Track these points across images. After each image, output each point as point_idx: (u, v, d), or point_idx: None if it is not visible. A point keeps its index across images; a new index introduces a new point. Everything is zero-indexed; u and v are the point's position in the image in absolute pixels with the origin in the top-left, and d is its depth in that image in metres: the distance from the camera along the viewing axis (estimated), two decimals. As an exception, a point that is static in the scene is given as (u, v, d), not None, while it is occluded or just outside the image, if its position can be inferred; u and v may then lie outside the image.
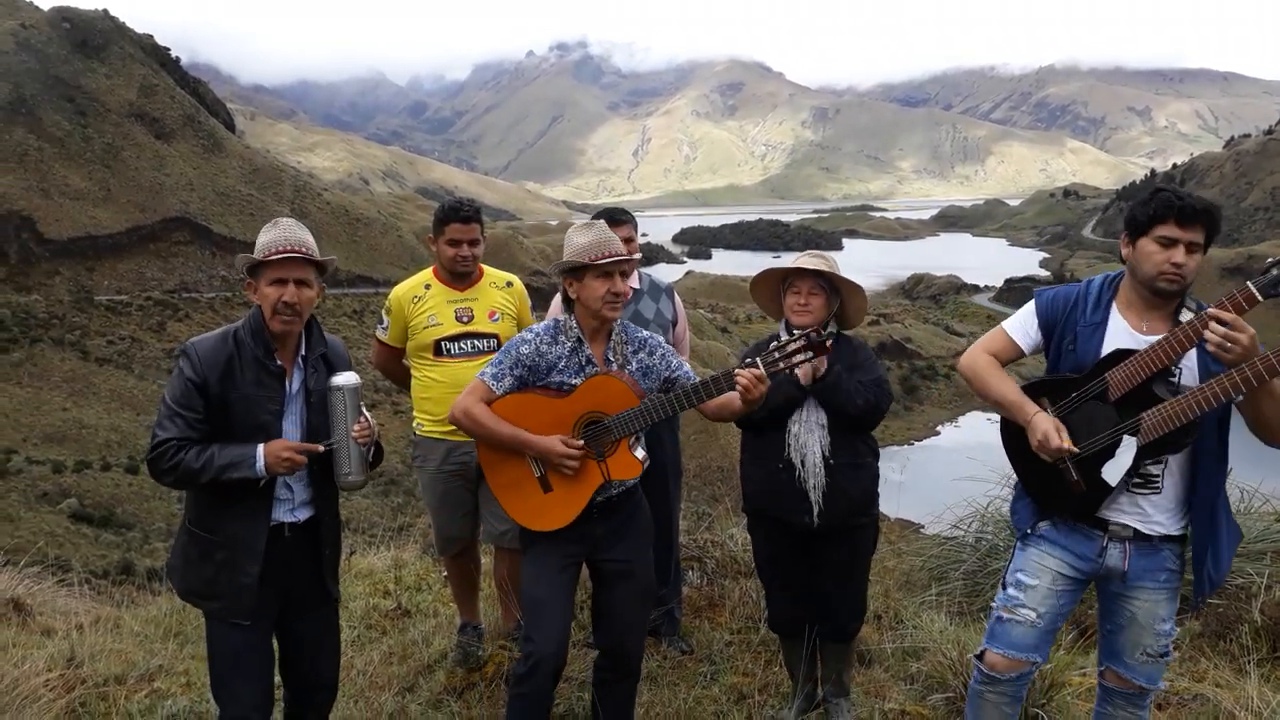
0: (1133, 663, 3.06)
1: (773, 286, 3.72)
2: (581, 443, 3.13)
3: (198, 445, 2.87)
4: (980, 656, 3.15)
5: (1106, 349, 2.94)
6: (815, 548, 3.66)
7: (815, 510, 3.54)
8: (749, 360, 3.02)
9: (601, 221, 3.33)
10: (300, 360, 3.07)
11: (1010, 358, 3.16)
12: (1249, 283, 2.64)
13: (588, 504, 3.18)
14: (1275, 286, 2.60)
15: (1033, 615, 3.04)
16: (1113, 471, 2.89)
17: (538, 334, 3.24)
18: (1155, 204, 2.82)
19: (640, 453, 3.20)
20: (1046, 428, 2.90)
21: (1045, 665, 3.59)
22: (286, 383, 3.02)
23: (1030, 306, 3.15)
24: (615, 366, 3.23)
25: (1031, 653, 3.07)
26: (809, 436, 3.55)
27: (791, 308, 3.61)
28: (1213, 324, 2.65)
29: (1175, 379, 2.85)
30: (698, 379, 3.17)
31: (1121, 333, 2.95)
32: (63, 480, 53.82)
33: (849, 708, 3.86)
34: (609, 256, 3.14)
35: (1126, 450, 2.86)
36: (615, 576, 3.29)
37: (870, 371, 3.58)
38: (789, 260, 3.70)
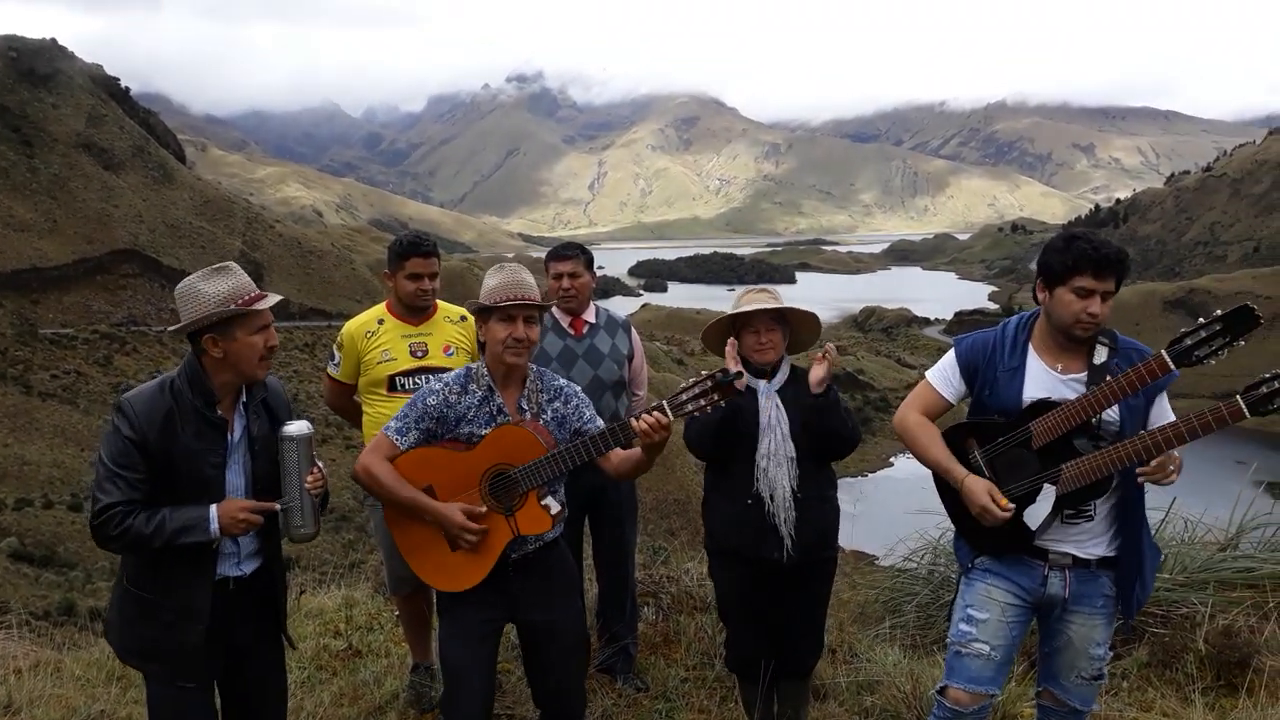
0: (1068, 684, 3.15)
1: (725, 332, 3.67)
2: (485, 510, 3.02)
3: (145, 509, 2.72)
4: (942, 692, 3.16)
5: (1027, 391, 3.00)
6: (780, 584, 3.63)
7: (787, 544, 3.51)
8: (655, 405, 2.93)
9: (514, 264, 3.20)
10: (241, 407, 2.95)
11: (940, 411, 3.21)
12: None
13: (502, 560, 3.07)
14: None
15: (986, 648, 3.07)
16: (1033, 517, 2.97)
17: (447, 384, 3.13)
18: (1072, 255, 2.86)
19: (552, 505, 3.06)
20: (983, 500, 2.94)
21: (999, 697, 3.62)
22: (228, 434, 2.89)
23: (950, 356, 3.20)
24: (529, 415, 3.11)
25: (990, 685, 3.10)
26: (778, 470, 3.51)
27: (752, 348, 3.58)
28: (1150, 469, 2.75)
29: (1097, 432, 2.93)
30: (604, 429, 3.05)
31: (1039, 374, 3.02)
32: (2, 519, 52.19)
33: (805, 743, 3.85)
34: (511, 299, 3.04)
35: (1046, 498, 2.94)
36: (539, 637, 3.20)
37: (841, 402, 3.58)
38: (737, 298, 3.68)
